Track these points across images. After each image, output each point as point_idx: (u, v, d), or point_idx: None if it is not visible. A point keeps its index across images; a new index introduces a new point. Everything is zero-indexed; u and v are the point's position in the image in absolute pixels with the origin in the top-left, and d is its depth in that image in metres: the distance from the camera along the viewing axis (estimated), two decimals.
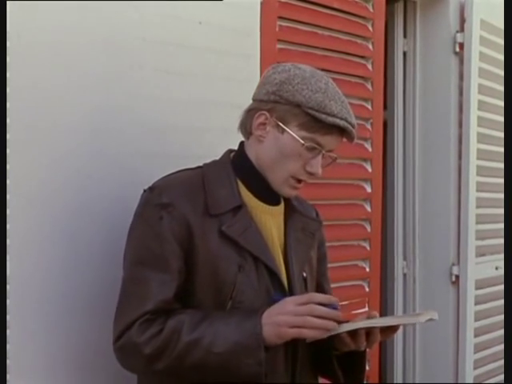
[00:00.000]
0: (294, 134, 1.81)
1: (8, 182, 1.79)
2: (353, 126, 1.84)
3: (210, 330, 1.73)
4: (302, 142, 1.81)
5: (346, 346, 1.83)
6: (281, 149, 1.83)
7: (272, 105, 1.83)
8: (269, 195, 1.90)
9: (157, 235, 1.78)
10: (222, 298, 1.79)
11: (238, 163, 1.90)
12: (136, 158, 2.14)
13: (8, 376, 1.79)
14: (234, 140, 2.39)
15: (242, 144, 1.94)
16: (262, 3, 2.56)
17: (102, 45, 2.05)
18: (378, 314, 1.85)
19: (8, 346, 1.77)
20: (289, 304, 1.75)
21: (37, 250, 1.93)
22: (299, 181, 1.87)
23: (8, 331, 1.78)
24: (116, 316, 1.80)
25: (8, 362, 1.77)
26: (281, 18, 2.71)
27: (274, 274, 1.84)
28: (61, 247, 1.98)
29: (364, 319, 1.82)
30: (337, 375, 1.93)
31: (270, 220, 1.90)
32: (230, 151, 1.95)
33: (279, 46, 2.70)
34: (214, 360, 1.72)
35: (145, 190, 1.85)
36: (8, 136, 1.79)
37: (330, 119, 1.79)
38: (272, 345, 1.75)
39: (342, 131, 1.83)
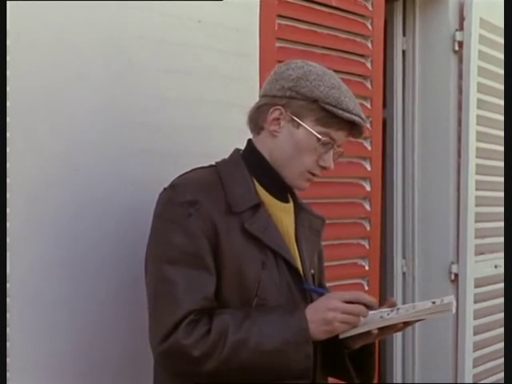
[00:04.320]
0: (310, 129, 1.83)
1: (8, 180, 1.79)
2: (364, 122, 1.90)
3: (254, 329, 1.72)
4: (320, 136, 1.83)
5: (362, 340, 1.85)
6: (296, 143, 1.85)
7: (287, 100, 1.84)
8: (282, 192, 1.92)
9: (187, 233, 1.75)
10: (247, 296, 1.79)
11: (252, 160, 1.90)
12: (135, 156, 2.14)
13: (8, 374, 1.79)
14: (232, 138, 2.39)
15: (251, 141, 1.94)
16: (261, 2, 2.56)
17: (101, 44, 2.05)
18: (397, 302, 1.86)
19: (8, 344, 1.77)
20: (335, 300, 1.77)
21: (37, 248, 1.93)
22: (313, 174, 1.89)
23: (8, 329, 1.79)
24: (155, 318, 1.75)
25: (8, 360, 1.77)
26: (280, 16, 2.72)
27: (293, 270, 1.86)
28: (62, 246, 1.98)
29: (388, 310, 1.81)
30: (350, 374, 1.92)
31: (285, 217, 1.92)
32: (238, 150, 1.95)
33: (278, 44, 2.70)
34: (263, 359, 1.72)
35: (165, 189, 1.84)
36: (8, 135, 1.79)
37: (347, 115, 1.83)
38: (317, 340, 1.77)
39: (351, 127, 1.87)
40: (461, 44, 3.73)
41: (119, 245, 2.10)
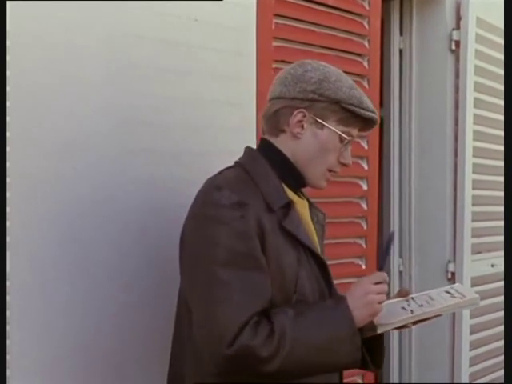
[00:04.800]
0: (336, 130, 1.88)
1: (8, 180, 1.79)
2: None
3: (307, 326, 1.75)
4: (345, 136, 1.89)
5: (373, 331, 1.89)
6: (321, 144, 1.90)
7: (309, 103, 1.87)
8: (299, 190, 1.97)
9: (240, 234, 1.75)
10: (288, 293, 1.81)
11: (274, 160, 1.91)
12: (134, 155, 2.13)
13: (8, 372, 1.79)
14: (229, 137, 2.40)
15: (267, 141, 1.94)
16: (258, 1, 2.56)
17: (98, 43, 2.04)
18: (410, 292, 1.95)
19: (8, 342, 1.77)
20: (368, 284, 1.83)
21: (37, 246, 1.93)
22: (333, 172, 1.96)
23: (8, 327, 1.79)
24: (214, 323, 1.71)
25: (8, 357, 1.77)
26: (277, 15, 2.71)
27: (320, 265, 1.90)
28: (62, 245, 1.98)
29: (403, 299, 1.92)
30: (366, 362, 1.95)
31: (305, 213, 1.96)
32: (253, 149, 1.96)
33: (275, 43, 2.70)
34: (316, 355, 1.76)
35: (206, 191, 1.82)
36: (8, 134, 1.79)
37: (368, 114, 1.90)
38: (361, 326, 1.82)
39: (367, 123, 1.94)
40: (458, 43, 3.73)
41: (119, 243, 2.11)
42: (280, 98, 1.90)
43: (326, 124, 1.88)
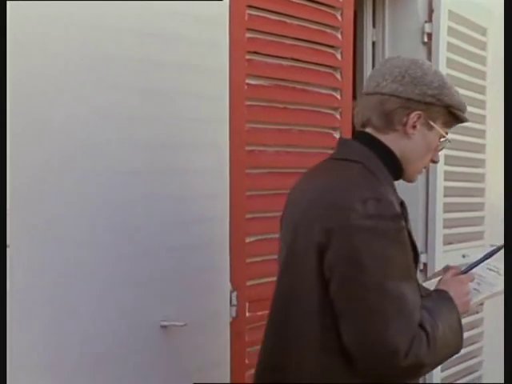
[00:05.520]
0: (442, 132, 1.97)
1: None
2: None
3: (441, 326, 1.84)
4: (448, 138, 1.99)
5: None
6: (428, 145, 1.98)
7: (425, 106, 1.93)
8: None
9: (403, 247, 1.83)
10: None
11: (384, 157, 1.94)
12: (104, 147, 2.12)
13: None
14: (201, 129, 2.40)
15: (373, 137, 1.96)
16: None
17: (76, 35, 2.02)
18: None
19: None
20: (467, 285, 1.98)
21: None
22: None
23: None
24: (385, 337, 1.78)
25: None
26: (250, 6, 2.71)
27: (416, 259, 1.96)
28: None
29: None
30: None
31: None
32: (357, 144, 1.97)
33: (248, 35, 2.69)
34: (446, 350, 1.89)
35: (364, 200, 1.81)
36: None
37: (467, 118, 2.01)
38: None
39: (458, 124, 2.04)
40: (430, 36, 3.76)
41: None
42: (393, 96, 1.92)
43: (436, 127, 1.95)
